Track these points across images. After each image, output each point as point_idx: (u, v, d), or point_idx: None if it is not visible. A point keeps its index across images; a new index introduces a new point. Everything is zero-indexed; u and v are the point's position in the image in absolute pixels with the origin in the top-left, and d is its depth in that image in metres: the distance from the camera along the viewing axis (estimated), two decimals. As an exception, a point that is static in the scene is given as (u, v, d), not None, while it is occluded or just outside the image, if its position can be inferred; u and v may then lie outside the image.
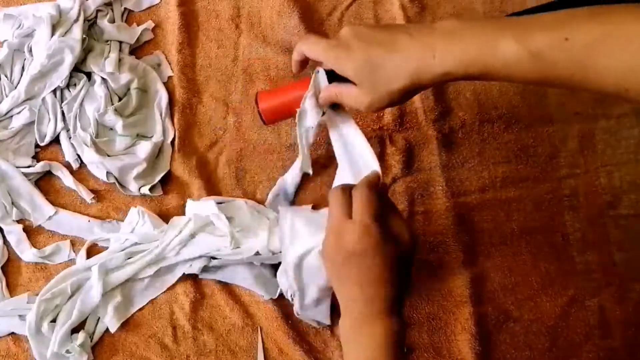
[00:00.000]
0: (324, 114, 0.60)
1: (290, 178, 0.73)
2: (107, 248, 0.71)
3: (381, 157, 0.75)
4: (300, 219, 0.63)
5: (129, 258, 0.69)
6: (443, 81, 0.50)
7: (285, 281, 0.65)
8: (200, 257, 0.68)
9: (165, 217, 0.72)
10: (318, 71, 0.58)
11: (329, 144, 0.74)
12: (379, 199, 0.52)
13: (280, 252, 0.65)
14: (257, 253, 0.67)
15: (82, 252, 0.70)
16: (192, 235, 0.68)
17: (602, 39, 0.43)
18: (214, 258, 0.69)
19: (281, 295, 0.69)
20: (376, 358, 0.51)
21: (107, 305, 0.68)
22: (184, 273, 0.69)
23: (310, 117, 0.60)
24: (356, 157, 0.60)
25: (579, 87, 0.46)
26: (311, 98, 0.58)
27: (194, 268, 0.69)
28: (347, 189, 0.53)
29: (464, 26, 0.49)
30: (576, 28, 0.44)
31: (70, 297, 0.68)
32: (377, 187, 0.53)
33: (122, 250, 0.69)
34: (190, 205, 0.71)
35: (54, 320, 0.67)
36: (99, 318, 0.68)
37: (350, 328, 0.53)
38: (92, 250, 0.71)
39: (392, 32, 0.52)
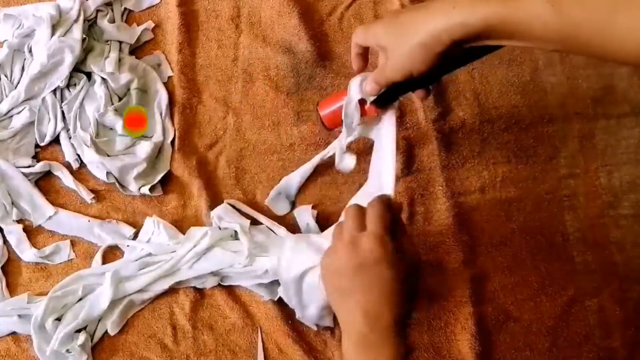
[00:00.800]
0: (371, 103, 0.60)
1: (297, 178, 0.73)
2: (124, 253, 0.71)
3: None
4: (303, 241, 0.64)
5: (143, 268, 0.68)
6: (463, 38, 0.49)
7: (286, 296, 0.66)
8: (212, 273, 0.68)
9: (165, 217, 0.72)
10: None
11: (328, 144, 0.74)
12: (391, 215, 0.52)
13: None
14: (266, 271, 0.67)
15: (98, 257, 0.70)
16: (208, 249, 0.68)
17: (626, 1, 0.43)
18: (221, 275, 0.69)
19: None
20: None
21: (113, 311, 0.68)
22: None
23: (354, 96, 0.60)
24: (379, 179, 0.60)
25: (599, 51, 0.45)
26: (355, 81, 0.60)
27: (206, 285, 0.69)
28: (362, 207, 0.53)
29: None
30: None
31: (80, 299, 0.68)
32: (389, 206, 0.53)
33: (137, 259, 0.69)
34: (221, 212, 0.70)
35: (58, 319, 0.67)
36: (101, 319, 0.68)
37: (354, 351, 0.51)
38: (108, 256, 0.71)
39: (419, 6, 0.53)
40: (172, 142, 0.75)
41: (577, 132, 0.78)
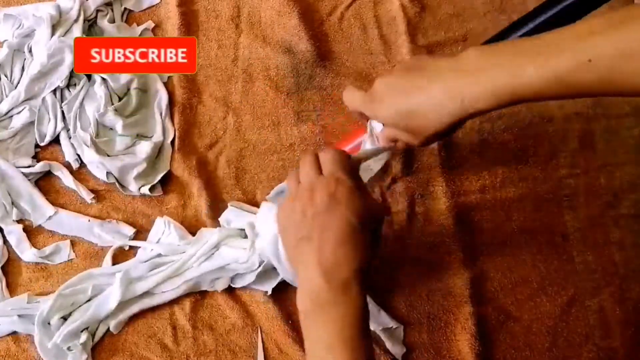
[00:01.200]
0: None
1: None
2: (134, 253, 0.71)
3: (381, 157, 0.75)
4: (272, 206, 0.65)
5: (153, 269, 0.68)
6: (478, 115, 0.50)
7: (280, 270, 0.65)
8: (221, 274, 0.68)
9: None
10: None
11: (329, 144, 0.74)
12: (347, 159, 0.53)
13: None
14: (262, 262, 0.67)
15: (108, 258, 0.70)
16: (216, 247, 0.68)
17: (627, 51, 0.43)
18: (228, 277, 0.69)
19: (281, 294, 0.69)
20: (344, 339, 0.47)
21: (118, 312, 0.68)
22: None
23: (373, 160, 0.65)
24: None
25: (612, 95, 0.46)
26: (369, 139, 0.62)
27: (217, 287, 0.69)
28: (317, 155, 0.54)
29: (486, 61, 0.48)
30: (597, 46, 0.44)
31: (89, 299, 0.68)
32: (344, 154, 0.55)
33: (147, 260, 0.69)
34: (229, 215, 0.70)
35: (64, 317, 0.67)
36: (102, 319, 0.68)
37: (310, 304, 0.49)
38: (117, 256, 0.71)
39: (417, 78, 0.52)
40: (172, 142, 0.75)
41: (577, 132, 0.78)
